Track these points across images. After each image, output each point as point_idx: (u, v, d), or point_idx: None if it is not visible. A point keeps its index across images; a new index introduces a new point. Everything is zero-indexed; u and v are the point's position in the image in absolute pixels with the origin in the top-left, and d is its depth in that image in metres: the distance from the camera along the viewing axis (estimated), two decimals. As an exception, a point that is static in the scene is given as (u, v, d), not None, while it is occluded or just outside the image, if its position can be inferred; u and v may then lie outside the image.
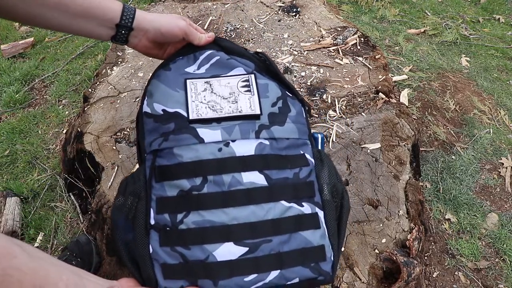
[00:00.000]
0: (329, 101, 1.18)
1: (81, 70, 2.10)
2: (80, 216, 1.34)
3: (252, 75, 0.67)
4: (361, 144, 1.06)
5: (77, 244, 1.13)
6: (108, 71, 1.33)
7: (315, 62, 1.32)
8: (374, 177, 0.99)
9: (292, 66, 1.31)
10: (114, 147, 1.06)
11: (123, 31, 0.67)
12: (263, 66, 0.71)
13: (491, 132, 1.74)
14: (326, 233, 0.61)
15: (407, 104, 1.76)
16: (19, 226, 1.35)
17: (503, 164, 1.60)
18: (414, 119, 1.67)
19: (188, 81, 0.65)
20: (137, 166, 0.88)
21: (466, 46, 2.32)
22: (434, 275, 1.25)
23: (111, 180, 0.99)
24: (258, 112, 0.63)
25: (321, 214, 0.62)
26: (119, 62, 1.37)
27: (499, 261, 1.30)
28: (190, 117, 0.61)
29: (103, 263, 1.07)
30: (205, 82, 0.66)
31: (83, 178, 1.21)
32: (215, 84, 0.66)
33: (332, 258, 0.61)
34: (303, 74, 1.27)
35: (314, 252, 0.59)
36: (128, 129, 1.11)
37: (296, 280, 0.57)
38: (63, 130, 1.74)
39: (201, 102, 0.63)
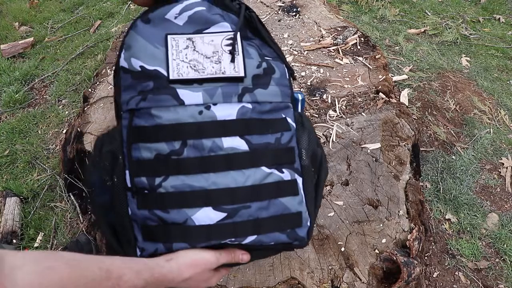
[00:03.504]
0: (329, 101, 1.18)
1: (81, 70, 2.10)
2: (80, 216, 1.34)
3: (238, 33, 0.62)
4: (361, 144, 1.05)
5: (77, 244, 1.13)
6: (108, 71, 1.33)
7: (315, 62, 1.32)
8: (374, 177, 0.99)
9: (292, 66, 1.30)
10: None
11: None
12: (247, 22, 0.66)
13: (491, 132, 1.74)
14: (304, 200, 0.61)
15: (407, 104, 1.76)
16: (19, 226, 1.35)
17: (503, 164, 1.60)
18: (414, 119, 1.67)
19: (169, 36, 0.60)
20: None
21: (466, 46, 2.32)
22: (434, 275, 1.25)
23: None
24: (242, 74, 0.59)
25: (299, 180, 0.62)
26: (119, 62, 1.37)
27: (499, 261, 1.30)
28: (171, 77, 0.57)
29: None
30: (187, 39, 0.60)
31: (83, 178, 1.21)
32: (198, 41, 0.61)
33: (308, 223, 0.62)
34: (303, 74, 1.27)
35: (291, 219, 0.60)
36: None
37: (271, 243, 0.59)
38: (63, 130, 1.74)
39: (183, 60, 0.59)
